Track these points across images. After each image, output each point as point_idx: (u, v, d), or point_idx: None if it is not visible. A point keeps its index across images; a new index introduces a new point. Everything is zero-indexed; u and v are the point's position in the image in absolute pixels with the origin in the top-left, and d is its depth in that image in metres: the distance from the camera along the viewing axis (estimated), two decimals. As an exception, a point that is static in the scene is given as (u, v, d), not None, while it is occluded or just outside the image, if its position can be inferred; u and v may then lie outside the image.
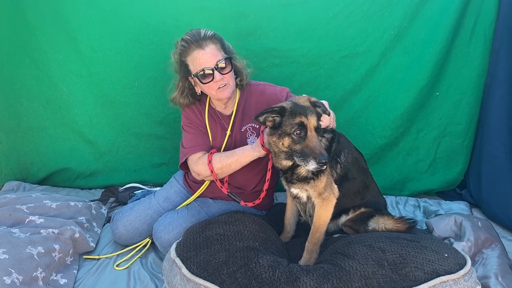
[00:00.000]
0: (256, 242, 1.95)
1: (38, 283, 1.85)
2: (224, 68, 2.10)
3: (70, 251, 2.15)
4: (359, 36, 2.91)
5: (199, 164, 2.19)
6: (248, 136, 2.31)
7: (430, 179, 3.21)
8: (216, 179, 2.19)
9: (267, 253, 1.88)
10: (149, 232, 2.36)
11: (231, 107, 2.32)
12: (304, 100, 1.89)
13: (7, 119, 3.05)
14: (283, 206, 2.38)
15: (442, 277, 1.68)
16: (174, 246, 2.00)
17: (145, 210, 2.41)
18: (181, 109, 2.36)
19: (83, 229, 2.34)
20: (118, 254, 2.29)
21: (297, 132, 1.79)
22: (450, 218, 2.32)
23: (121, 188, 3.07)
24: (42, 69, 2.94)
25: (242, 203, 2.25)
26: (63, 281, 1.99)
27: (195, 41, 2.06)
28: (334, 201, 1.99)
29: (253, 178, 2.37)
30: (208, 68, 2.06)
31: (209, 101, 2.33)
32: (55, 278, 1.98)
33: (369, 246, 1.80)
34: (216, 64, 2.06)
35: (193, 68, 2.11)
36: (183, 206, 2.40)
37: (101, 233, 2.53)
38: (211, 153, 2.20)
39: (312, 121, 1.80)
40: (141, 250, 2.32)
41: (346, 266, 1.71)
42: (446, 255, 1.79)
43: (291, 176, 1.99)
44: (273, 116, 1.84)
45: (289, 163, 1.95)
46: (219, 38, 2.14)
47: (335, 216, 2.08)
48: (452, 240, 2.19)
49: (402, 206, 2.98)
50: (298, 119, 1.79)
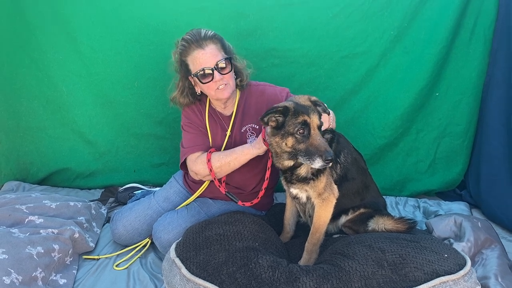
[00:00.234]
0: (256, 243, 1.95)
1: (37, 283, 1.85)
2: (224, 68, 2.10)
3: (70, 251, 2.15)
4: (359, 36, 2.91)
5: (197, 163, 2.18)
6: (248, 136, 2.31)
7: (429, 180, 3.20)
8: (214, 179, 2.18)
9: (267, 253, 1.87)
10: (148, 232, 2.36)
11: (231, 108, 2.32)
12: (305, 100, 1.89)
13: (7, 119, 3.05)
14: (283, 206, 2.37)
15: (442, 277, 1.67)
16: (173, 246, 2.00)
17: (145, 210, 2.41)
18: (181, 108, 2.36)
19: (82, 229, 2.34)
20: (118, 254, 2.29)
21: (300, 131, 1.78)
22: (450, 219, 2.32)
23: (120, 188, 3.07)
24: (42, 69, 2.94)
25: (240, 203, 2.24)
26: (62, 281, 1.99)
27: (195, 41, 2.06)
28: (334, 201, 1.99)
29: (252, 178, 2.37)
30: (208, 68, 2.06)
31: (209, 102, 2.33)
32: (54, 278, 1.97)
33: (369, 246, 1.80)
34: (216, 64, 2.06)
35: (193, 68, 2.11)
36: (183, 206, 2.40)
37: (100, 233, 2.52)
38: (210, 152, 2.19)
39: (314, 120, 1.80)
40: (140, 250, 2.32)
41: (346, 267, 1.71)
42: (446, 255, 1.79)
43: (291, 176, 1.99)
44: (276, 116, 1.83)
45: (290, 163, 1.94)
46: (219, 38, 2.14)
47: (334, 216, 2.08)
48: (452, 240, 2.18)
49: (401, 207, 2.98)
50: (301, 118, 1.78)
